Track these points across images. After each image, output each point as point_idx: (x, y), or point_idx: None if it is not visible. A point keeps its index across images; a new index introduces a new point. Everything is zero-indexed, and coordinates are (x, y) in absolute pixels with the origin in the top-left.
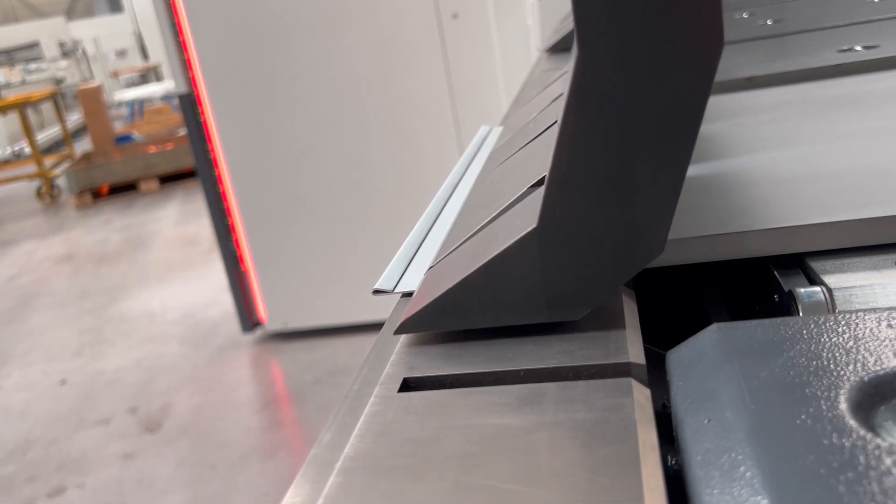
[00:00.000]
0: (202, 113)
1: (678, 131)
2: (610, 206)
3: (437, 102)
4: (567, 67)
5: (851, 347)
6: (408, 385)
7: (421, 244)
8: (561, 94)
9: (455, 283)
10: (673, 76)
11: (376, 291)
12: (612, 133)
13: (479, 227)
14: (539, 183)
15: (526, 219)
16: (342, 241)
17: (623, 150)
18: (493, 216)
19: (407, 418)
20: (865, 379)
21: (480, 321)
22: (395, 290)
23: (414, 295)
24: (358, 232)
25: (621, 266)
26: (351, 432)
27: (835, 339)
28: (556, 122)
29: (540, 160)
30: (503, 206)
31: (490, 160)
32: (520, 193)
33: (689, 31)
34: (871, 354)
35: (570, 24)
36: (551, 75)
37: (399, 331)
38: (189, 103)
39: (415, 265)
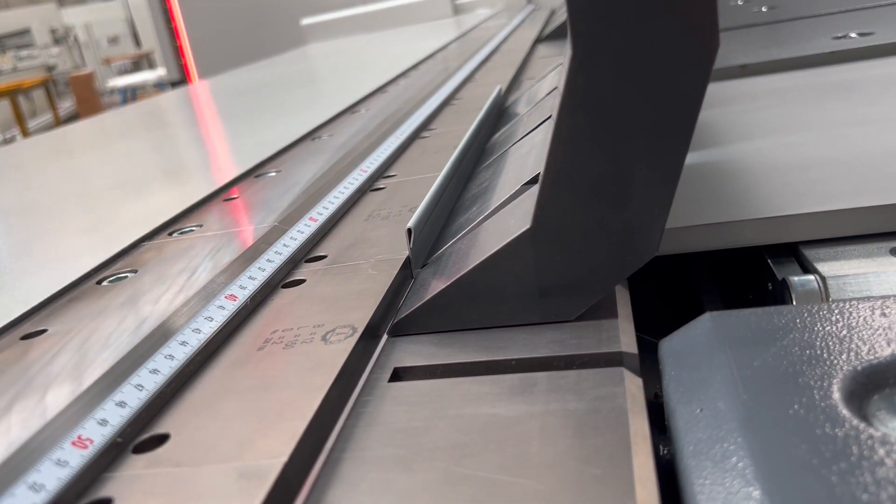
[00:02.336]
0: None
1: (673, 132)
2: (604, 208)
3: None
4: (563, 59)
5: (845, 336)
6: (398, 375)
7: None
8: (555, 88)
9: (448, 283)
10: (667, 77)
11: (409, 231)
12: (606, 134)
13: (472, 225)
14: (532, 181)
15: (520, 219)
16: None
17: (617, 152)
18: (486, 214)
19: (397, 408)
20: (859, 368)
21: (474, 321)
22: (412, 243)
23: (406, 294)
24: None
25: (615, 267)
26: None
27: (828, 327)
28: (549, 116)
29: (534, 157)
30: (497, 204)
31: (485, 153)
32: (513, 192)
33: (684, 32)
34: (865, 343)
35: (563, 16)
36: (546, 64)
37: (392, 332)
38: None
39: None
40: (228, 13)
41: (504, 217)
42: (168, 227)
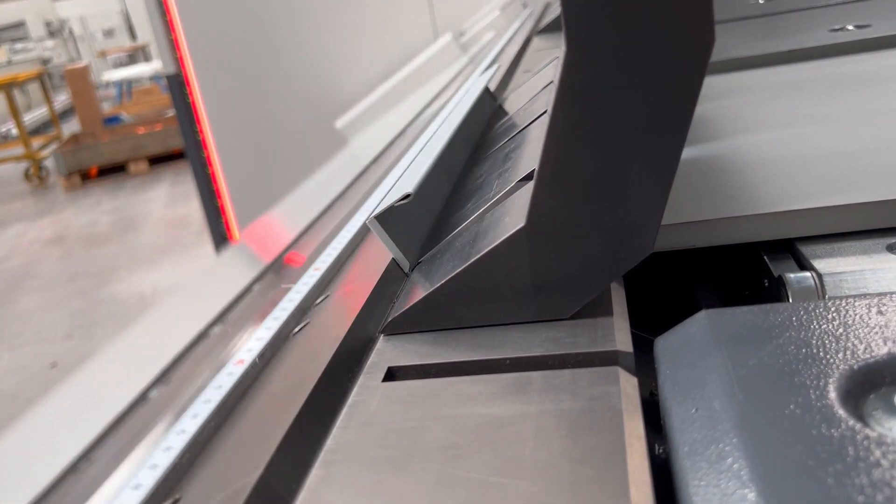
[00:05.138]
0: (191, 94)
1: (668, 129)
2: (599, 205)
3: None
4: (558, 53)
5: (841, 335)
6: (392, 374)
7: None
8: (551, 83)
9: (443, 281)
10: (663, 74)
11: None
12: (601, 131)
13: (466, 222)
14: (528, 177)
15: (514, 216)
16: None
17: (612, 149)
18: (480, 211)
19: (391, 408)
20: (855, 367)
21: (468, 320)
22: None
23: (401, 293)
24: None
25: (610, 264)
26: (334, 422)
27: (824, 325)
28: (545, 111)
29: (529, 153)
30: (491, 201)
31: (480, 148)
32: (508, 188)
33: (679, 28)
34: (861, 342)
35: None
36: (542, 58)
37: (386, 330)
38: (177, 84)
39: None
40: (224, 5)
41: (499, 214)
42: None
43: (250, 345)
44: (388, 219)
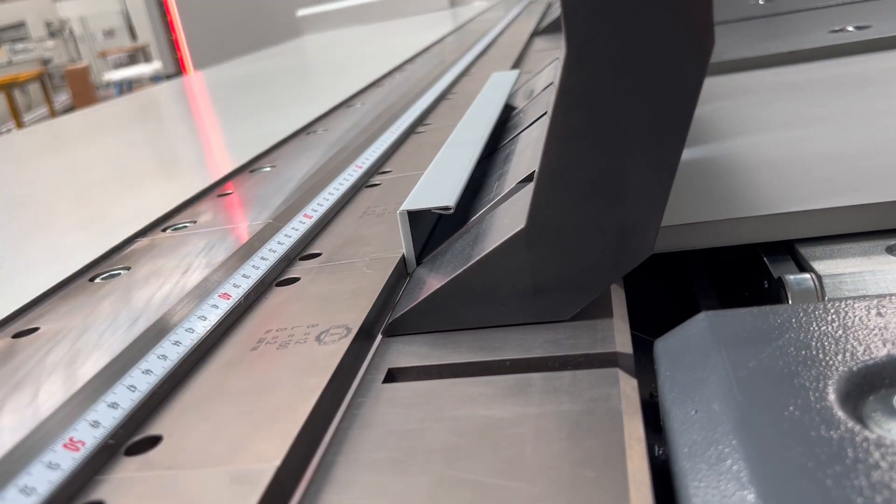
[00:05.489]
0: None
1: (668, 130)
2: (599, 207)
3: None
4: (558, 55)
5: (840, 336)
6: (393, 376)
7: None
8: (551, 84)
9: (443, 283)
10: (663, 75)
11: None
12: (601, 132)
13: (467, 223)
14: (528, 179)
15: (514, 218)
16: None
17: (612, 151)
18: (481, 213)
19: (391, 410)
20: (854, 369)
21: (469, 321)
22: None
23: (401, 294)
24: None
25: (610, 266)
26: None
27: (824, 327)
28: (545, 113)
29: (529, 154)
30: (492, 203)
31: (480, 150)
32: (508, 189)
33: (679, 29)
34: (860, 344)
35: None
36: (543, 59)
37: (387, 332)
38: None
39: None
40: (223, 6)
41: (499, 216)
42: (161, 223)
43: (236, 280)
44: (415, 218)
